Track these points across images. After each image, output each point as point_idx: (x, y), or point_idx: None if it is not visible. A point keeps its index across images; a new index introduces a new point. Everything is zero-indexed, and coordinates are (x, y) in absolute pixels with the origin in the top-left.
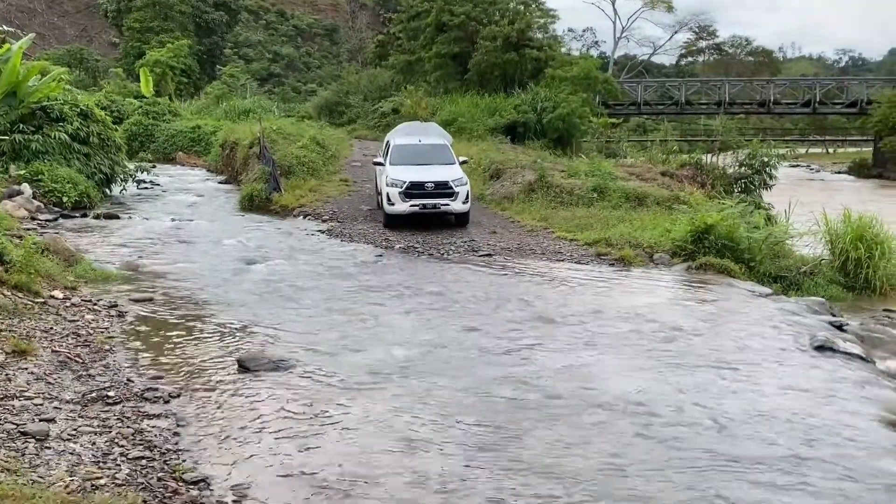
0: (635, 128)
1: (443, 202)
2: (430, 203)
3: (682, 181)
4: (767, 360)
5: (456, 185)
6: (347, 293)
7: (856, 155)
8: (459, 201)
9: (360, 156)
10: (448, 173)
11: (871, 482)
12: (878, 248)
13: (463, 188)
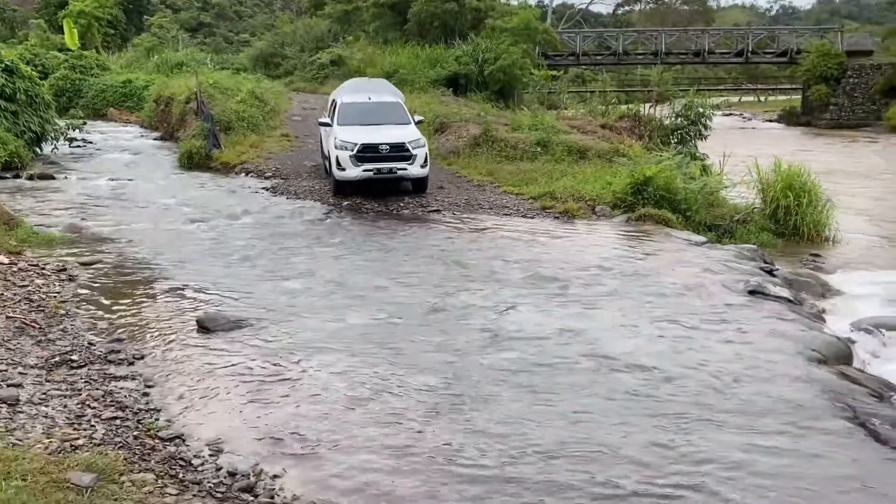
0: (574, 78)
1: (399, 166)
2: (384, 167)
3: (622, 133)
4: (701, 306)
5: (413, 146)
6: (298, 252)
7: (786, 103)
8: (417, 165)
9: (300, 109)
10: (403, 134)
11: (784, 411)
12: (806, 196)
13: (421, 150)
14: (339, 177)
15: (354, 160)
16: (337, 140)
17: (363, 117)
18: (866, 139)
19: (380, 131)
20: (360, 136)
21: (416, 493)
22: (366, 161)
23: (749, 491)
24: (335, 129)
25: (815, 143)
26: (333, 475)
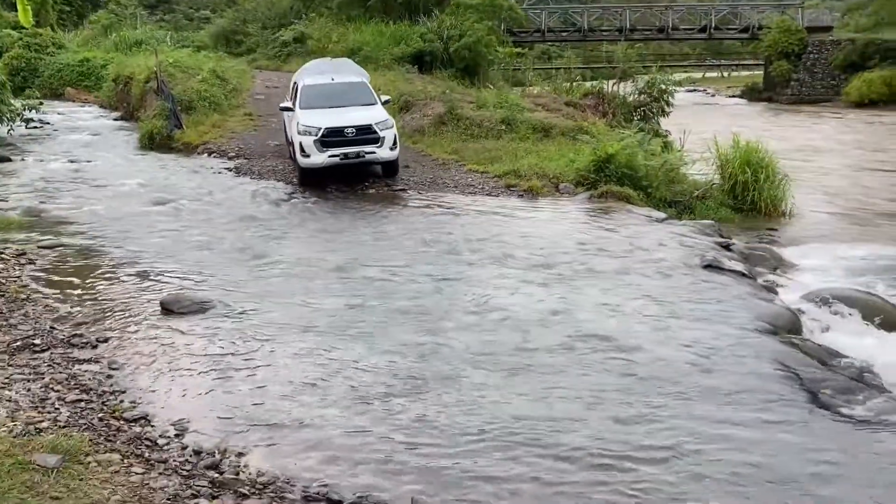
0: (540, 55)
1: (367, 149)
2: (352, 151)
3: (586, 111)
4: (657, 280)
5: (381, 128)
6: (262, 233)
7: (749, 79)
8: (386, 147)
9: (263, 88)
10: (370, 115)
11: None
12: (763, 171)
13: (389, 132)
14: (304, 164)
15: (319, 145)
16: (300, 125)
17: (327, 100)
18: (826, 114)
19: (345, 114)
20: (324, 120)
21: (377, 469)
22: (331, 146)
23: (695, 456)
24: (297, 114)
25: (776, 118)
26: (297, 452)
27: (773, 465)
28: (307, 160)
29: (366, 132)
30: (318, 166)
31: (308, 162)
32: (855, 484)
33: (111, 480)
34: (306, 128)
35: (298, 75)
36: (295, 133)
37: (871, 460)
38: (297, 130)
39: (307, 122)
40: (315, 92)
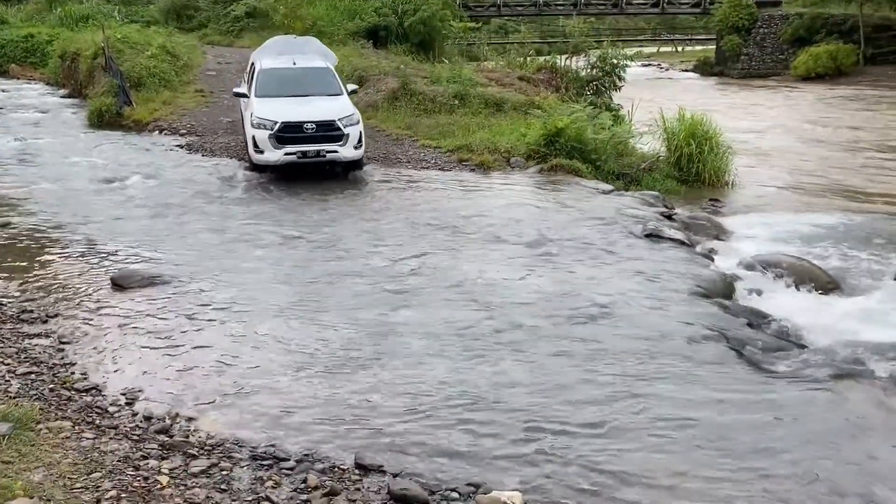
0: (497, 30)
1: (328, 148)
2: (311, 150)
3: (539, 85)
4: (603, 247)
5: (345, 124)
6: (214, 210)
7: (701, 53)
8: (350, 145)
9: (215, 64)
10: (334, 108)
11: (667, 340)
12: (707, 143)
13: (354, 128)
14: (256, 160)
15: (274, 141)
16: (254, 116)
17: (286, 87)
18: (774, 88)
19: (306, 105)
20: (282, 112)
21: (324, 431)
22: (288, 142)
23: (624, 411)
24: (252, 103)
25: (726, 92)
26: (246, 418)
27: (697, 416)
28: (261, 156)
29: (328, 128)
30: (272, 164)
31: (261, 159)
32: (774, 431)
33: (62, 445)
34: (261, 120)
35: (257, 55)
36: (248, 125)
37: (788, 409)
38: (250, 122)
39: (262, 113)
40: (273, 77)
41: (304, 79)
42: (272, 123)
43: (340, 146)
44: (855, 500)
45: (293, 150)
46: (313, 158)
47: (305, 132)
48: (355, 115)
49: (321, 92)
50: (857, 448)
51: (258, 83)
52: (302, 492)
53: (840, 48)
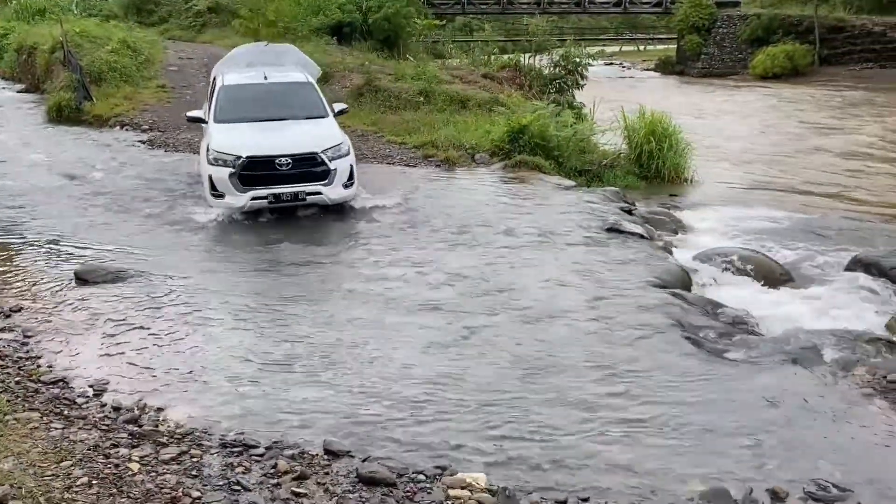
0: (462, 27)
1: (310, 189)
2: (286, 192)
3: (502, 83)
4: (562, 242)
5: (331, 156)
6: (177, 204)
7: (662, 53)
8: (339, 184)
9: (177, 59)
10: (316, 136)
11: (625, 328)
12: (667, 141)
13: (343, 161)
14: (215, 206)
15: (237, 182)
16: (211, 149)
17: (254, 109)
18: (732, 87)
19: (279, 132)
20: (247, 143)
21: (293, 419)
22: (256, 183)
23: (579, 393)
24: (210, 131)
25: (686, 91)
26: (215, 408)
27: (650, 396)
28: (220, 201)
29: (308, 163)
30: (235, 210)
31: (221, 204)
32: (725, 412)
33: (31, 435)
34: (220, 155)
35: (219, 68)
36: (203, 160)
37: (738, 392)
38: (206, 157)
39: (222, 144)
40: (238, 96)
41: (279, 98)
42: (234, 159)
43: (325, 185)
44: (799, 474)
45: (263, 194)
46: (290, 202)
47: (279, 169)
48: (344, 145)
49: (300, 114)
50: (803, 428)
51: (218, 104)
52: (272, 476)
53: (796, 48)
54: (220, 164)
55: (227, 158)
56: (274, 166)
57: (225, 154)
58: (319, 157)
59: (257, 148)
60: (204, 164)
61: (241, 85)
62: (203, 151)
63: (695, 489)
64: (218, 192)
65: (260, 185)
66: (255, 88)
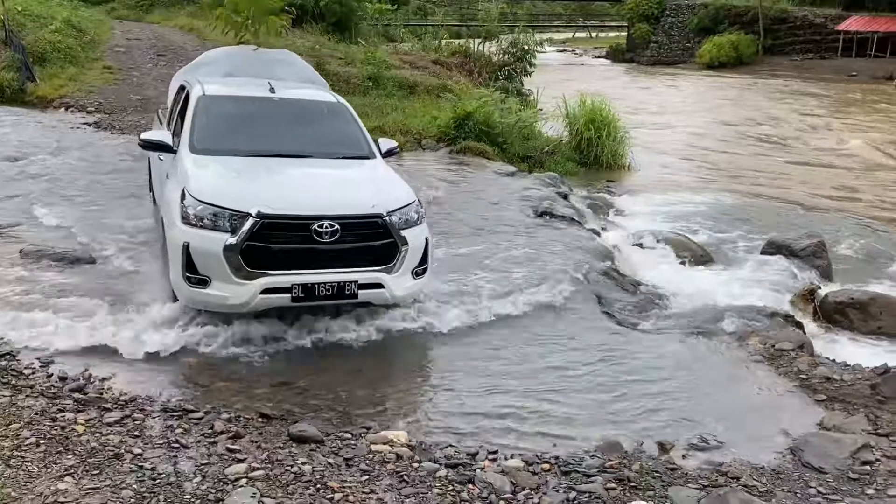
0: (416, 11)
1: (365, 277)
2: (326, 282)
3: (452, 69)
4: (497, 224)
5: (399, 224)
6: (124, 187)
7: (614, 40)
8: (408, 270)
9: (124, 40)
10: (375, 189)
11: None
12: (606, 128)
13: (415, 233)
14: (192, 299)
15: (240, 261)
16: (187, 197)
17: (259, 137)
18: (679, 75)
19: (308, 178)
20: (256, 191)
21: (233, 388)
22: (271, 263)
23: (501, 361)
24: (183, 164)
25: (634, 78)
26: (158, 378)
27: (564, 363)
28: (201, 294)
29: (366, 234)
30: (226, 311)
31: (202, 299)
32: (630, 376)
33: None
34: (207, 209)
35: (188, 74)
36: (171, 215)
37: (643, 359)
38: (178, 210)
39: (210, 191)
40: (229, 115)
41: (296, 124)
42: (235, 218)
43: (389, 272)
44: (686, 430)
45: (284, 283)
46: (328, 299)
47: (317, 241)
48: (414, 203)
49: (333, 151)
50: (695, 390)
51: (197, 125)
52: (209, 436)
53: (742, 38)
54: (207, 225)
55: (220, 215)
56: (309, 235)
57: (217, 208)
58: (383, 224)
59: (280, 201)
60: (173, 222)
61: (234, 99)
62: (166, 199)
63: (591, 442)
64: (199, 276)
65: (279, 267)
66: (258, 106)
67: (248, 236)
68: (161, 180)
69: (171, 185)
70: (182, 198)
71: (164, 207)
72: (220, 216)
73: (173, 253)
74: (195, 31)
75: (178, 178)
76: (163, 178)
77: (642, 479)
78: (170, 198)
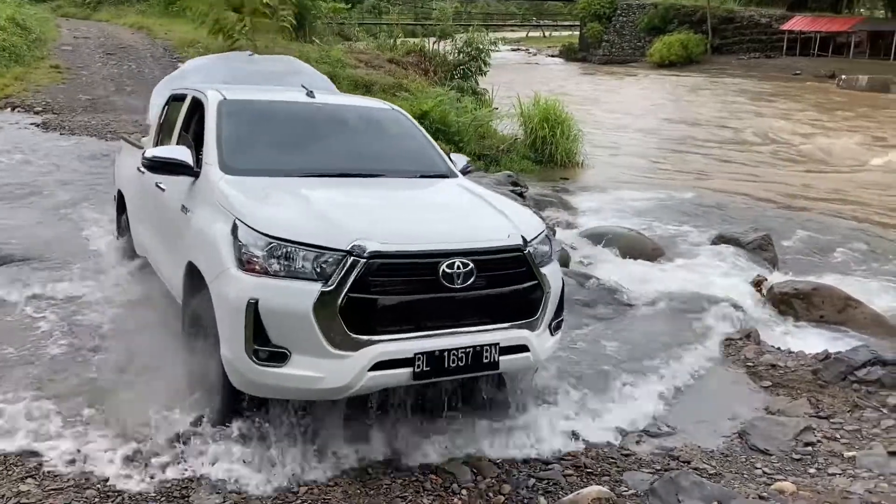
0: (371, 9)
1: (508, 337)
2: (460, 347)
3: (408, 68)
4: None
5: (539, 256)
6: (70, 188)
7: (567, 39)
8: (546, 324)
9: (71, 38)
10: (485, 211)
11: None
12: (560, 127)
13: (553, 270)
14: (262, 388)
15: (341, 321)
16: (246, 233)
17: (311, 152)
18: (630, 74)
19: (401, 203)
20: (350, 221)
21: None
22: (387, 324)
23: None
24: (221, 191)
25: (587, 77)
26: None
27: None
28: (278, 374)
29: (504, 273)
30: (322, 397)
31: (280, 382)
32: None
33: None
34: (280, 246)
35: (175, 84)
36: (221, 261)
37: (594, 346)
38: (227, 254)
39: (277, 220)
40: (264, 124)
41: (350, 136)
42: (325, 257)
43: (533, 328)
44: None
45: (405, 351)
46: (458, 372)
47: (446, 285)
48: (545, 231)
49: (404, 169)
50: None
51: (227, 137)
52: None
53: (690, 38)
54: (282, 272)
55: (304, 258)
56: (436, 279)
57: (299, 246)
58: (524, 259)
59: (389, 234)
60: (223, 270)
61: (268, 105)
62: (196, 242)
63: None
64: (272, 348)
65: (391, 328)
66: (298, 115)
67: (351, 285)
68: (165, 218)
69: (201, 221)
70: (234, 233)
71: (192, 253)
72: (301, 258)
73: (228, 317)
74: (145, 30)
75: (214, 209)
76: (169, 214)
77: (598, 465)
78: (205, 239)
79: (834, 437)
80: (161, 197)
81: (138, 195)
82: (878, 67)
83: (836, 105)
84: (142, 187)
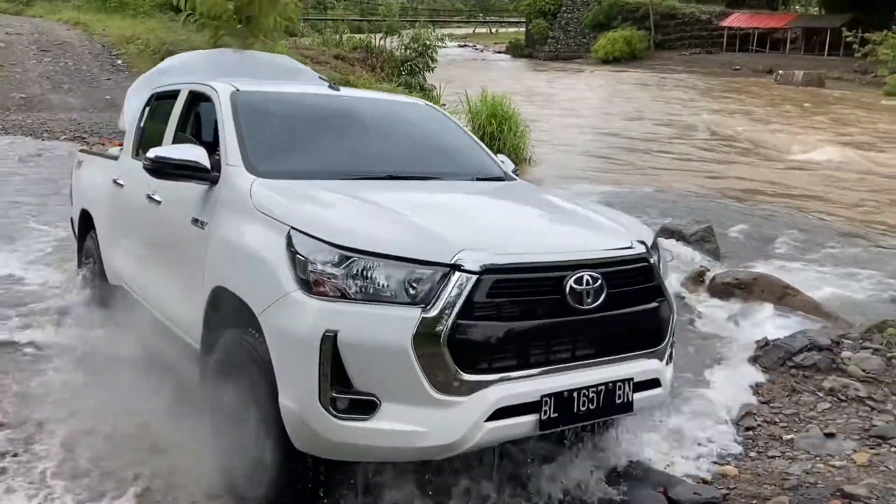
0: (315, 4)
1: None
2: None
3: (354, 64)
4: None
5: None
6: (7, 191)
7: (513, 35)
8: (669, 351)
9: (3, 35)
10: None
11: None
12: (508, 123)
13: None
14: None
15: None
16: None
17: (347, 152)
18: (576, 70)
19: (486, 210)
20: (443, 229)
21: None
22: (504, 359)
23: None
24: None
25: (532, 73)
26: None
27: None
28: (365, 429)
29: (631, 289)
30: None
31: (369, 440)
32: None
33: None
34: (360, 260)
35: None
36: (277, 280)
37: None
38: (284, 270)
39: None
40: (289, 119)
41: (388, 134)
42: (419, 274)
43: (661, 357)
44: None
45: (526, 395)
46: (588, 418)
47: (573, 306)
48: (655, 235)
49: (458, 171)
50: None
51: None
52: None
53: (634, 34)
54: (360, 295)
55: (391, 276)
56: (562, 298)
57: (393, 259)
58: (651, 270)
59: (507, 245)
60: (278, 292)
61: (289, 98)
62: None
63: None
64: (356, 394)
65: (508, 364)
66: (325, 110)
67: (460, 309)
68: (163, 237)
69: (232, 234)
70: (290, 246)
71: (222, 276)
72: (386, 276)
73: (293, 357)
74: (82, 26)
75: (249, 218)
76: (171, 231)
77: None
78: (244, 257)
79: (773, 422)
80: (156, 212)
81: (118, 213)
82: (813, 63)
83: (775, 100)
84: (122, 203)
